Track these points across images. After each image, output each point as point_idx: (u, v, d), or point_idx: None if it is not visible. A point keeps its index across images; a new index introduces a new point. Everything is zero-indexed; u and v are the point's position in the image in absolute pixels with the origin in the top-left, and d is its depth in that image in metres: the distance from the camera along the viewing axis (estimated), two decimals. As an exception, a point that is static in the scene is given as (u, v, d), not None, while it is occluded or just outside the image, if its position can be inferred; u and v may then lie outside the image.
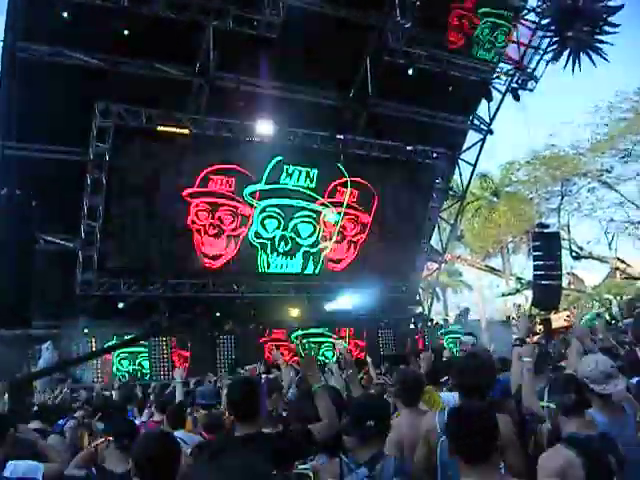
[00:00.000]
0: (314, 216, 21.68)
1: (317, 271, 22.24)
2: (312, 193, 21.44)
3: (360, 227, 22.67)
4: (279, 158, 20.54)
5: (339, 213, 22.02)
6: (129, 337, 18.80)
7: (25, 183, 15.90)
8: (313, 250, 21.99)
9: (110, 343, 18.62)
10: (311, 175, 21.20)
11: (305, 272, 22.06)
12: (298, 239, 21.57)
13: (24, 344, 17.12)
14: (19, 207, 15.50)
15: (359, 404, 4.61)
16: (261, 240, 21.03)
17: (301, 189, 21.21)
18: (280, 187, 20.86)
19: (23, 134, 16.80)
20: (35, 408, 8.79)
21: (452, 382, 5.82)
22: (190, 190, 19.54)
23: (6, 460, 5.01)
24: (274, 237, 21.16)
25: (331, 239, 22.17)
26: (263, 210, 20.76)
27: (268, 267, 21.32)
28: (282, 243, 21.28)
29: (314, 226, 21.74)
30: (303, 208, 21.44)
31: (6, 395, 8.01)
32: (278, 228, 21.14)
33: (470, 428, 3.34)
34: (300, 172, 21.02)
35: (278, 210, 21.02)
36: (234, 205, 20.33)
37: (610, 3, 9.09)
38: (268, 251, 21.22)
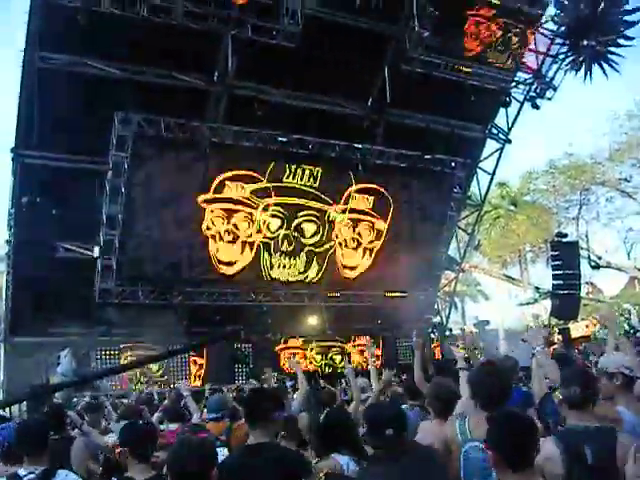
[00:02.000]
0: (318, 215, 21.62)
1: (321, 272, 22.14)
2: (316, 192, 21.35)
3: (376, 234, 22.65)
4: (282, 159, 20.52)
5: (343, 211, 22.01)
6: (162, 353, 18.82)
7: (45, 191, 16.07)
8: (318, 250, 21.93)
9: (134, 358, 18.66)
10: (315, 174, 21.12)
11: (309, 272, 21.97)
12: (302, 238, 21.52)
13: (42, 352, 17.19)
14: (39, 215, 15.65)
15: (376, 413, 4.58)
16: (264, 239, 21.02)
17: (304, 188, 21.12)
18: (283, 185, 20.82)
19: (43, 143, 16.93)
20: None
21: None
22: (205, 196, 19.61)
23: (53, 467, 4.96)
24: (277, 236, 21.13)
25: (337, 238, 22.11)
26: (266, 209, 20.71)
27: (271, 267, 21.26)
28: (285, 242, 21.23)
29: (317, 225, 21.68)
30: (306, 207, 21.38)
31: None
32: (281, 227, 21.10)
33: (514, 434, 3.37)
34: (303, 170, 20.93)
35: (281, 209, 20.98)
36: (250, 212, 20.37)
37: (627, 17, 9.01)
38: (271, 251, 21.21)
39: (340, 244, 22.36)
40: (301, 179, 20.97)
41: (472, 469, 4.15)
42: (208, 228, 19.87)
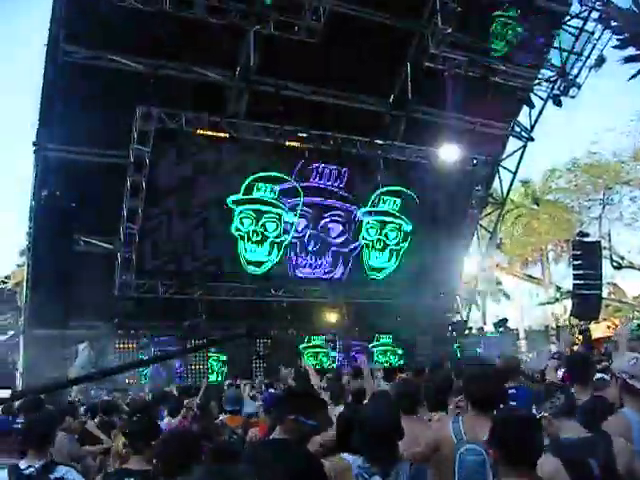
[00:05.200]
0: (344, 215, 21.57)
1: (346, 273, 22.10)
2: (343, 193, 21.33)
3: (402, 235, 22.62)
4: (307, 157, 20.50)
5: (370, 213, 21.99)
6: (180, 349, 18.86)
7: (66, 185, 16.13)
8: (343, 250, 21.88)
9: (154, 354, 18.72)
10: (342, 174, 21.06)
11: (335, 272, 21.94)
12: (328, 238, 21.48)
13: (61, 344, 17.28)
14: (59, 209, 15.72)
15: (368, 413, 4.55)
16: (291, 239, 21.00)
17: (329, 188, 21.08)
18: (309, 185, 20.79)
19: (64, 137, 17.01)
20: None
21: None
22: (234, 197, 19.62)
23: (53, 463, 5.00)
24: (303, 235, 21.12)
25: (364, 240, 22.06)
26: (292, 208, 20.70)
27: (297, 267, 21.28)
28: (312, 242, 21.21)
29: (344, 225, 21.64)
30: (333, 207, 21.35)
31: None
32: (307, 227, 21.09)
33: (519, 434, 3.34)
34: (330, 171, 20.92)
35: (307, 208, 20.96)
36: (278, 213, 20.38)
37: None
38: (297, 250, 21.19)
39: (367, 245, 22.33)
40: (328, 180, 20.93)
41: (468, 472, 4.10)
42: (237, 229, 19.87)
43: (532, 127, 23.58)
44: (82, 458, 6.76)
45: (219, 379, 18.79)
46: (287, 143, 19.85)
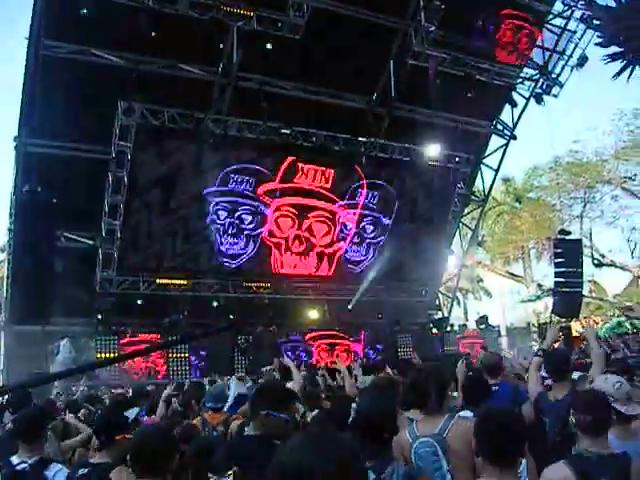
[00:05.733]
0: (329, 216, 21.59)
1: (331, 272, 22.14)
2: (328, 193, 21.34)
3: (380, 229, 22.60)
4: (292, 157, 20.47)
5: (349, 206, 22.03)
6: (157, 344, 18.82)
7: (47, 180, 16.02)
8: (328, 251, 21.92)
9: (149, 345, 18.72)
10: (326, 175, 21.10)
11: (318, 273, 21.96)
12: (312, 239, 21.51)
13: (42, 340, 17.20)
14: (40, 204, 15.63)
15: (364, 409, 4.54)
16: (275, 239, 21.02)
17: (315, 189, 21.10)
18: (294, 186, 20.80)
19: (45, 131, 16.89)
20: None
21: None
22: (209, 189, 19.54)
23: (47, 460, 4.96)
24: (288, 236, 21.14)
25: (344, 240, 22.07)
26: (277, 209, 20.72)
27: (282, 267, 21.29)
28: (296, 242, 21.24)
29: (329, 226, 21.66)
30: (318, 208, 21.36)
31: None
32: (292, 227, 21.09)
33: (499, 430, 3.38)
34: (315, 172, 20.93)
35: (292, 209, 20.98)
36: (255, 205, 20.33)
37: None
38: (282, 250, 21.19)
39: (344, 239, 22.32)
40: (313, 180, 20.94)
41: (422, 463, 4.22)
42: (213, 222, 19.80)
43: (514, 125, 23.70)
44: (65, 454, 6.71)
45: (198, 375, 18.75)
46: (270, 139, 19.83)
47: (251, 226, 20.40)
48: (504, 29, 20.42)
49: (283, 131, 19.58)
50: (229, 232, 20.10)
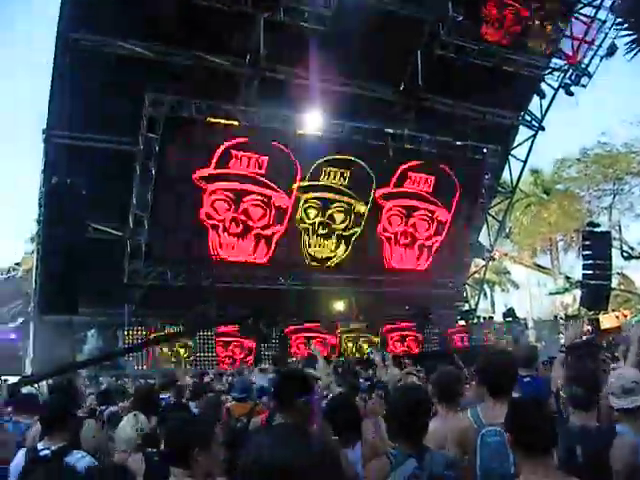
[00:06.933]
0: (346, 207, 21.80)
1: (347, 252, 22.41)
2: (345, 189, 21.63)
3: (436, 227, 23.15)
4: (321, 160, 20.75)
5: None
6: (176, 331, 18.86)
7: (75, 172, 16.10)
8: (345, 233, 22.15)
9: (157, 334, 18.79)
10: (345, 175, 21.32)
11: (337, 251, 22.30)
12: (333, 224, 21.84)
13: (70, 330, 17.32)
14: (69, 196, 15.72)
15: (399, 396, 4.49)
16: (304, 225, 21.42)
17: (335, 186, 21.42)
18: (319, 184, 21.14)
19: (74, 123, 16.98)
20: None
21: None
22: (203, 172, 19.36)
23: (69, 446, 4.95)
24: (314, 223, 21.59)
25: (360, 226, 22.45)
26: (306, 201, 21.11)
27: (309, 246, 21.72)
28: (320, 227, 21.68)
29: (346, 215, 21.95)
30: (337, 200, 21.66)
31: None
32: (317, 216, 21.51)
33: (534, 420, 3.34)
34: (335, 172, 21.17)
35: (318, 202, 21.37)
36: (267, 194, 20.38)
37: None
38: (310, 233, 21.60)
39: (389, 238, 22.81)
40: (334, 179, 21.20)
41: (489, 453, 4.06)
42: (208, 216, 19.75)
43: (543, 116, 23.47)
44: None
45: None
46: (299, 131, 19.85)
47: (262, 223, 20.72)
48: (489, 5, 20.11)
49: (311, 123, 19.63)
50: (230, 231, 20.34)
